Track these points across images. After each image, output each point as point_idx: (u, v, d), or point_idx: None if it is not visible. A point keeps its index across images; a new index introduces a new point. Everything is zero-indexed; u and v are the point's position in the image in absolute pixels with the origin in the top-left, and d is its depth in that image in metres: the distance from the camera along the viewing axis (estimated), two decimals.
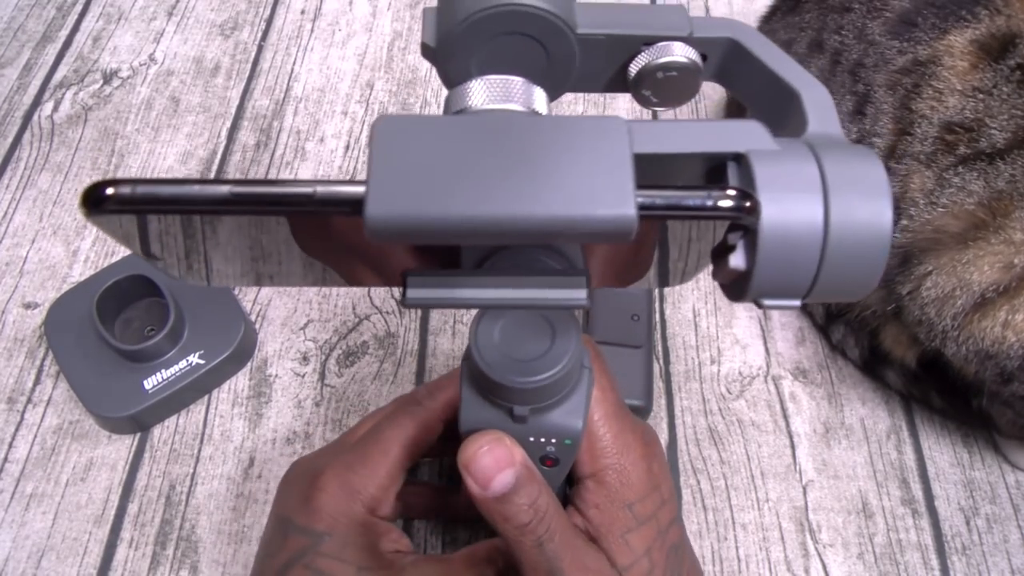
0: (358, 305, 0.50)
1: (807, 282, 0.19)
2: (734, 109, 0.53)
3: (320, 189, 0.17)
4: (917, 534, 0.42)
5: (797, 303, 0.20)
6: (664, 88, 0.25)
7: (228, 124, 0.58)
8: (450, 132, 0.17)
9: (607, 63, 0.24)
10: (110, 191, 0.17)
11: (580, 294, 0.23)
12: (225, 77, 0.61)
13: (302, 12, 0.65)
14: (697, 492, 0.44)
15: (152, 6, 0.65)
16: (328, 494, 0.32)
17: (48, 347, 0.47)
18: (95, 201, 0.17)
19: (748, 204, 0.18)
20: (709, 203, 0.17)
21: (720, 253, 0.20)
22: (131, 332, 0.46)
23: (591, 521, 0.30)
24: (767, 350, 0.49)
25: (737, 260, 0.20)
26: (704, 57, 0.25)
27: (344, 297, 0.50)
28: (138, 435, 0.45)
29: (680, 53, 0.24)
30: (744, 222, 0.18)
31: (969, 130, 0.37)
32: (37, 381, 0.47)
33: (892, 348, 0.44)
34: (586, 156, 0.17)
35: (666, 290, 0.51)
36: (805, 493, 0.44)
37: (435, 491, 0.40)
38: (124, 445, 0.45)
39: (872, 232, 0.19)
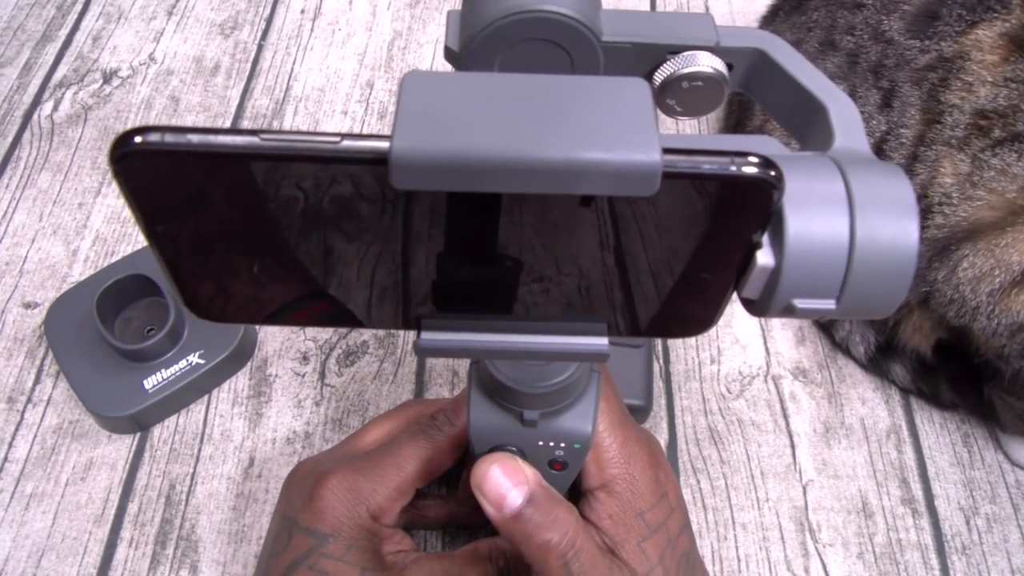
0: None
1: (838, 280, 0.19)
2: (735, 106, 0.53)
3: (347, 143, 0.17)
4: (917, 534, 0.42)
5: (832, 304, 0.20)
6: (689, 97, 0.24)
7: (228, 124, 0.58)
8: (477, 84, 0.17)
9: (631, 71, 0.24)
10: (138, 139, 0.16)
11: (600, 341, 0.23)
12: (225, 77, 0.61)
13: (302, 11, 0.65)
14: (697, 492, 0.44)
15: (152, 5, 0.65)
16: (335, 496, 0.32)
17: (48, 347, 0.47)
18: (122, 145, 0.16)
19: (773, 173, 0.17)
20: (733, 168, 0.17)
21: (744, 265, 0.20)
22: (131, 332, 0.46)
23: (606, 532, 0.30)
24: (767, 350, 0.49)
25: (766, 257, 0.19)
26: (730, 67, 0.25)
27: None
28: (138, 435, 0.45)
29: (706, 63, 0.23)
30: (772, 192, 0.18)
31: (1003, 116, 0.37)
32: (37, 381, 0.47)
33: (911, 338, 0.44)
34: (610, 107, 0.17)
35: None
36: (805, 493, 0.44)
37: (440, 503, 0.40)
38: (124, 445, 0.45)
39: (898, 243, 0.19)
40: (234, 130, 0.17)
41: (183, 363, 0.45)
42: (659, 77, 0.24)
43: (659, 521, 0.31)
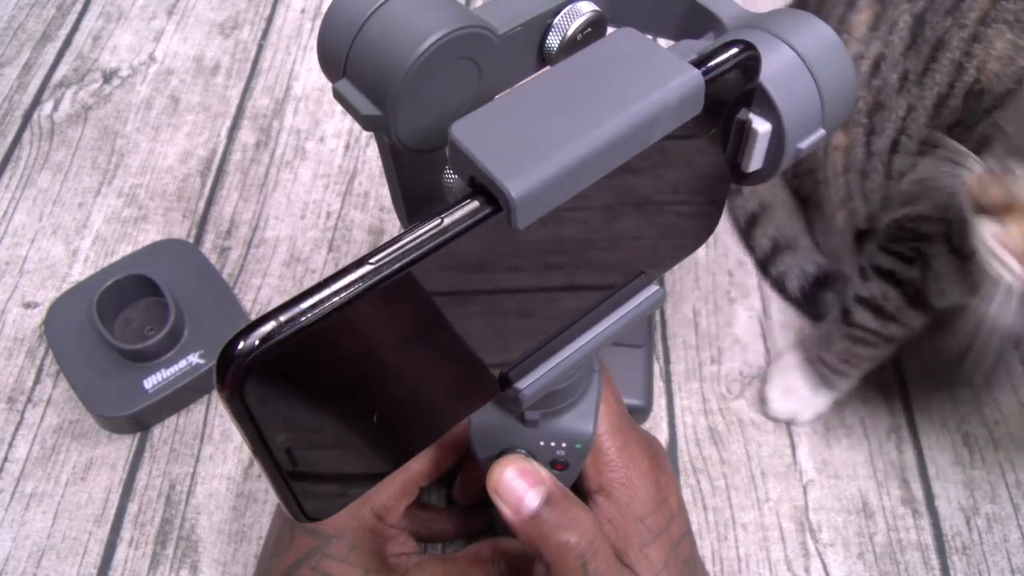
0: None
1: (818, 111, 0.22)
2: None
3: (447, 219, 0.17)
4: (917, 533, 0.42)
5: (822, 131, 0.23)
6: (582, 47, 0.25)
7: (228, 123, 0.58)
8: (515, 104, 0.18)
9: (525, 50, 0.24)
10: (241, 345, 0.13)
11: (652, 290, 0.24)
12: (225, 76, 0.61)
13: (302, 11, 0.65)
14: (697, 492, 0.43)
15: (152, 5, 0.65)
16: None
17: (48, 347, 0.47)
18: (231, 362, 0.14)
19: (754, 51, 0.20)
20: (735, 61, 0.20)
21: (736, 148, 0.22)
22: (131, 332, 0.46)
23: (607, 537, 0.30)
24: (767, 350, 0.49)
25: (763, 124, 0.22)
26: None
27: None
28: (138, 435, 0.45)
29: (587, 9, 0.24)
30: (757, 68, 0.20)
31: None
32: (37, 381, 0.47)
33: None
34: (628, 58, 0.19)
35: (666, 290, 0.51)
36: (805, 493, 0.44)
37: (444, 516, 0.40)
38: (124, 445, 0.44)
39: (841, 60, 0.23)
40: (331, 277, 0.15)
41: (183, 363, 0.44)
42: (555, 42, 0.24)
43: (660, 527, 0.31)
